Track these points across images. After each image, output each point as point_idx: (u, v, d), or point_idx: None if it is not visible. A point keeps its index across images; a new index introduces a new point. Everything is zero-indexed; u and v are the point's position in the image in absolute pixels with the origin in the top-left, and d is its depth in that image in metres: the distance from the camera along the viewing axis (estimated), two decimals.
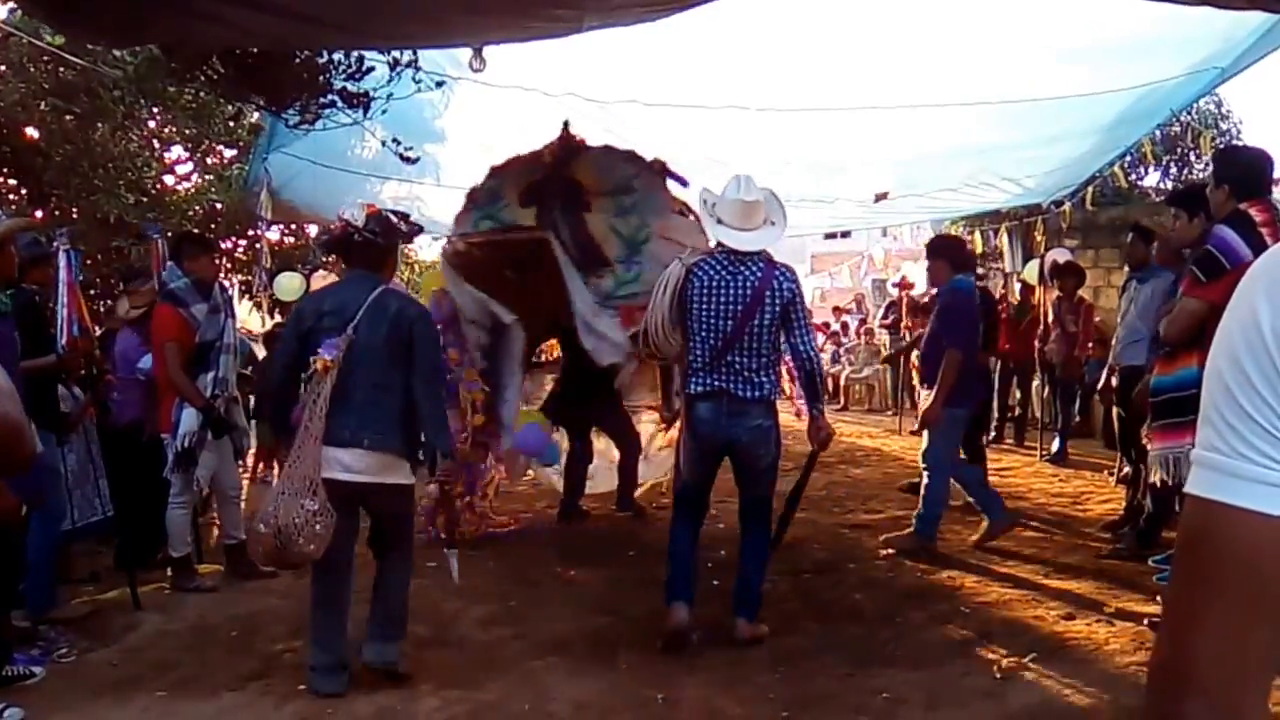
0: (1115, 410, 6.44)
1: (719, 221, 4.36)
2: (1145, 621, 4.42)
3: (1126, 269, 6.44)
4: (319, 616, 3.95)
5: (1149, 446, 4.57)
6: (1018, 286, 10.94)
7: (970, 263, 5.95)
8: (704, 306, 4.27)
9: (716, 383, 4.26)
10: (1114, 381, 6.18)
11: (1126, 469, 6.24)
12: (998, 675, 3.92)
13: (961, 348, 5.59)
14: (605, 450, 7.20)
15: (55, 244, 4.94)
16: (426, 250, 12.50)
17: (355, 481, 3.82)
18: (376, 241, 4.07)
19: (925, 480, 5.79)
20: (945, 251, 6.01)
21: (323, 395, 3.78)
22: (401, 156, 6.35)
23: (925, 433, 5.80)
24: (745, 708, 3.71)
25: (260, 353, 8.51)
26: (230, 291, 5.61)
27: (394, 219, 4.19)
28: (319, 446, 3.76)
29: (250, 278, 10.20)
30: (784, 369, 4.79)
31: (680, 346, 4.52)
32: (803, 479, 4.74)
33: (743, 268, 4.27)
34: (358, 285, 4.00)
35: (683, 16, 4.47)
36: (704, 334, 4.28)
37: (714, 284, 4.27)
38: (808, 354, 4.35)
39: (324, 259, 5.46)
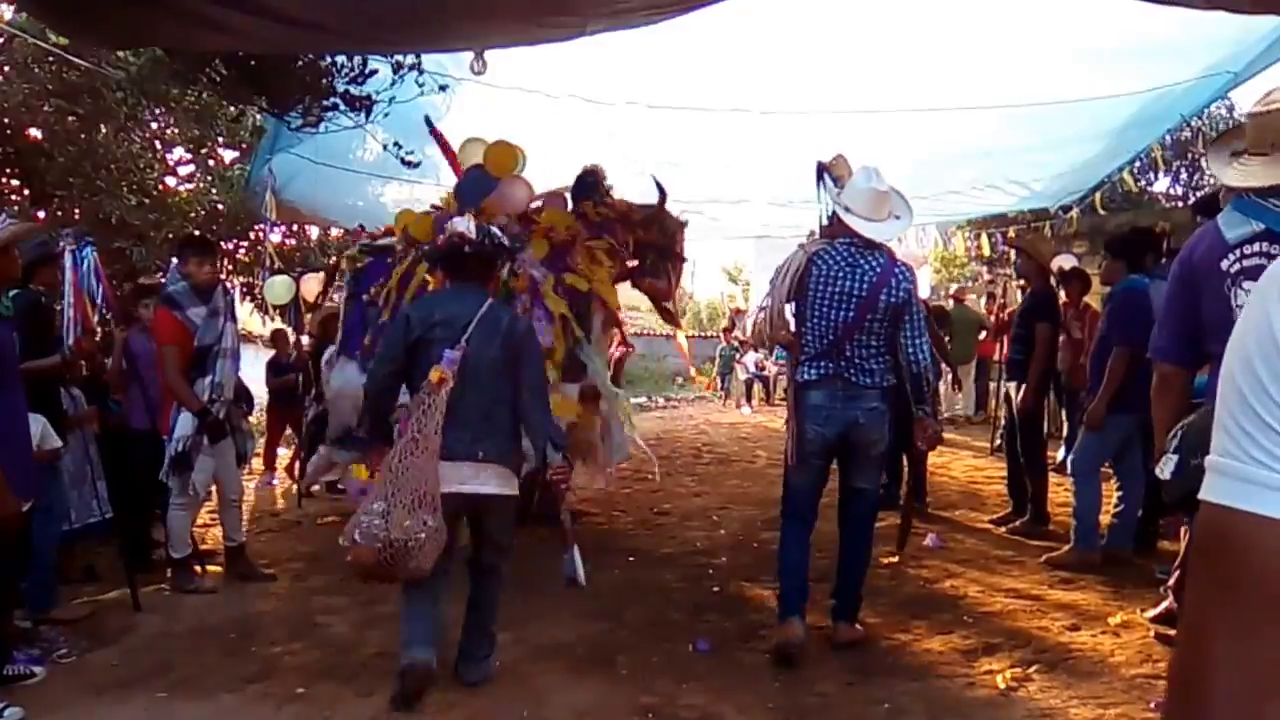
0: None
1: (847, 210, 4.24)
2: (1152, 633, 4.39)
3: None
4: (411, 622, 3.91)
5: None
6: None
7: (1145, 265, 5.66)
8: (821, 296, 4.18)
9: (831, 368, 4.19)
10: None
11: None
12: (1001, 686, 3.89)
13: (1130, 347, 5.26)
14: None
15: (61, 245, 4.91)
16: None
17: (470, 493, 3.82)
18: (487, 253, 4.07)
19: (1073, 489, 5.74)
20: (1124, 252, 5.76)
21: (437, 408, 3.72)
22: (403, 160, 6.34)
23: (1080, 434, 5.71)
24: (745, 716, 3.68)
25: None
26: (232, 294, 5.54)
27: (499, 234, 4.18)
28: (435, 460, 3.70)
29: (253, 279, 10.22)
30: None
31: (790, 333, 4.35)
32: (918, 478, 4.78)
33: (863, 260, 4.19)
34: (468, 297, 3.98)
35: (686, 19, 4.46)
36: (819, 323, 4.20)
37: (833, 273, 4.18)
38: (916, 358, 4.22)
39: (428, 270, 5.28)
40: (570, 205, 6.14)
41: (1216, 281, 2.68)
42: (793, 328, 4.34)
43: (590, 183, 6.23)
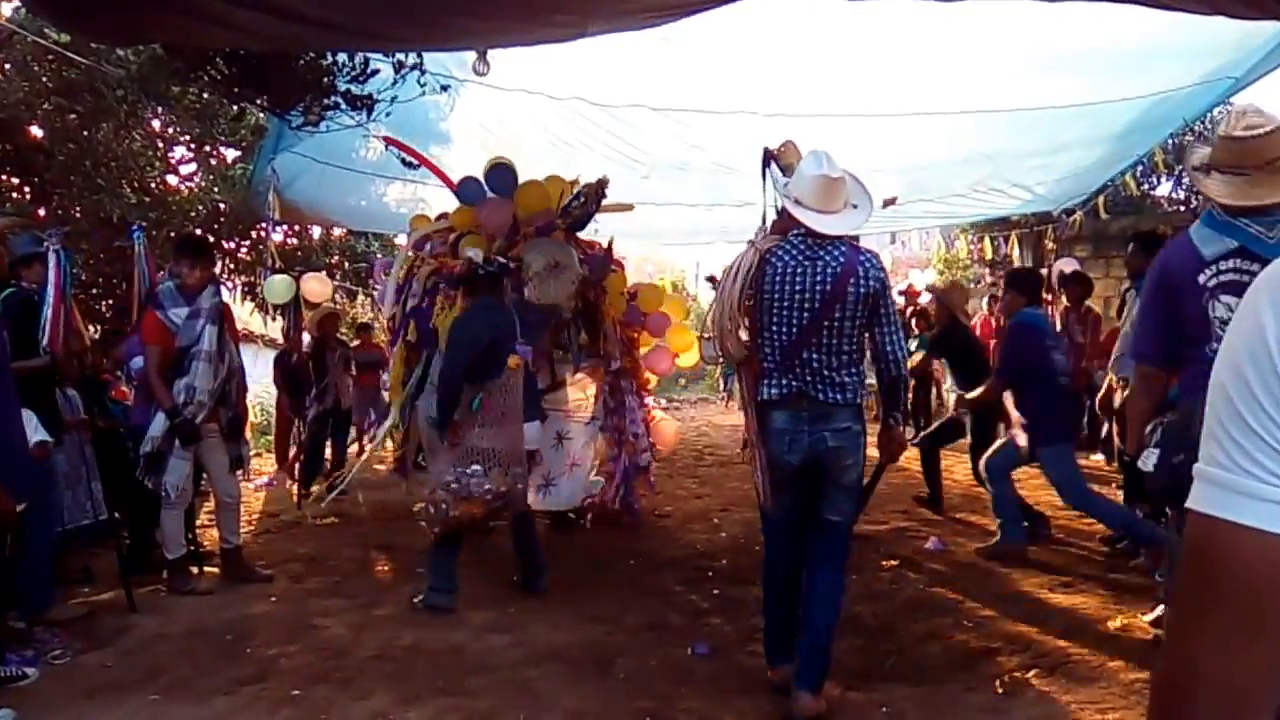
0: (1114, 423, 6.41)
1: (797, 202, 3.72)
2: (1151, 637, 4.37)
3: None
4: (439, 574, 5.09)
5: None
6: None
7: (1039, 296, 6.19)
8: (778, 297, 3.67)
9: (794, 385, 3.67)
10: (1115, 394, 6.11)
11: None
12: (999, 690, 3.87)
13: (1002, 376, 5.87)
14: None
15: (46, 244, 4.89)
16: None
17: (530, 450, 5.24)
18: (495, 274, 5.28)
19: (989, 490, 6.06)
20: (1024, 289, 6.08)
21: (517, 387, 5.06)
22: (403, 161, 6.33)
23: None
24: None
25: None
26: (220, 297, 5.44)
27: (502, 259, 5.53)
28: (520, 426, 5.06)
29: (254, 279, 10.19)
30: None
31: (747, 347, 3.83)
32: (871, 483, 4.21)
33: (823, 253, 3.66)
34: (500, 308, 5.23)
35: (691, 20, 4.43)
36: (776, 328, 3.69)
37: (790, 271, 3.65)
38: (893, 355, 3.70)
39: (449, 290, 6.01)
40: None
41: (1194, 294, 2.85)
42: (746, 338, 3.87)
43: (573, 196, 6.29)
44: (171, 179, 9.64)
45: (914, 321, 12.51)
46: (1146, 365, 3.16)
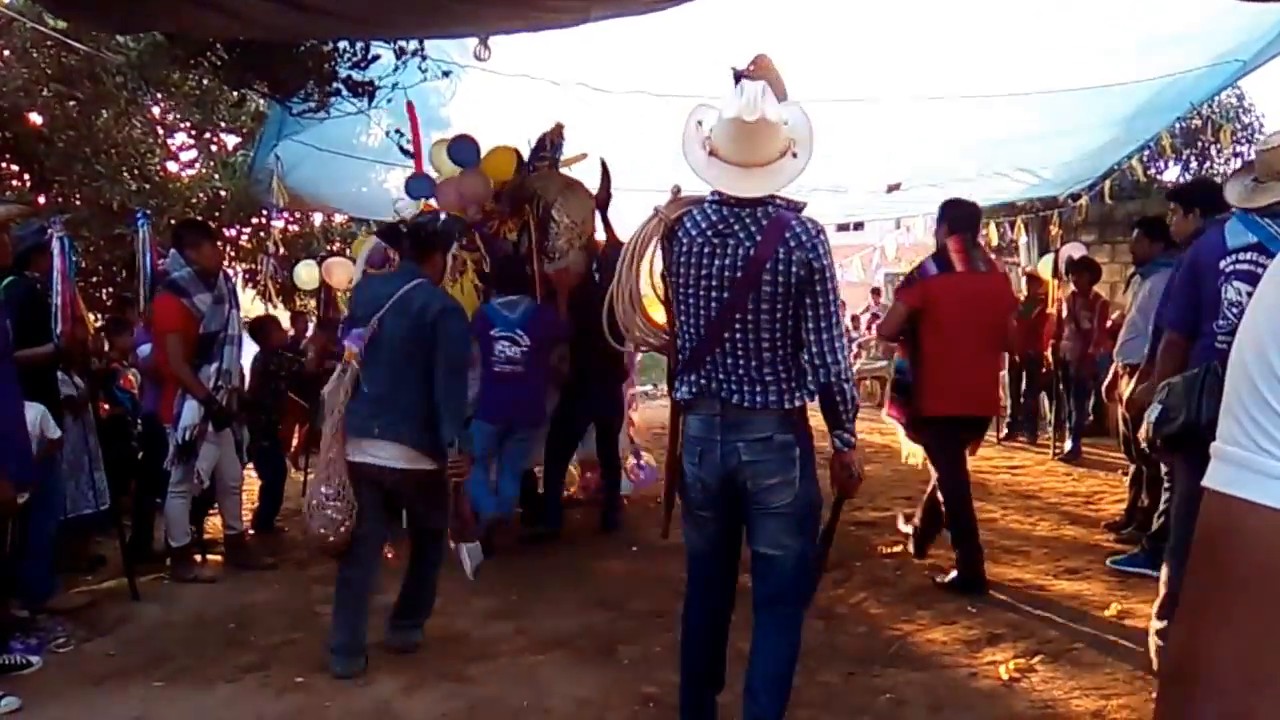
0: (1120, 409, 6.34)
1: (712, 154, 2.91)
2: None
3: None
4: (339, 598, 4.11)
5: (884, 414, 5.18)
6: (1023, 280, 10.78)
7: None
8: (682, 282, 2.97)
9: (706, 383, 2.98)
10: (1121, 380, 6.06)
11: (1133, 468, 6.15)
12: (1004, 677, 3.86)
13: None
14: None
15: (49, 232, 4.89)
16: None
17: (376, 465, 3.95)
18: (418, 236, 4.34)
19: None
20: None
21: (344, 385, 3.98)
22: (402, 149, 6.31)
23: None
24: None
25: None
26: (234, 280, 5.54)
27: (438, 220, 4.78)
28: (340, 434, 3.95)
29: (255, 266, 10.18)
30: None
31: (657, 335, 3.24)
32: (830, 525, 3.35)
33: (737, 225, 2.90)
34: (397, 279, 4.16)
35: (693, 6, 4.40)
36: (684, 318, 3.00)
37: (697, 250, 2.93)
38: (824, 360, 2.88)
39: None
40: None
41: (1214, 276, 3.34)
42: (661, 323, 3.24)
43: (537, 145, 6.45)
44: (172, 166, 9.66)
45: None
46: (1172, 332, 3.58)
